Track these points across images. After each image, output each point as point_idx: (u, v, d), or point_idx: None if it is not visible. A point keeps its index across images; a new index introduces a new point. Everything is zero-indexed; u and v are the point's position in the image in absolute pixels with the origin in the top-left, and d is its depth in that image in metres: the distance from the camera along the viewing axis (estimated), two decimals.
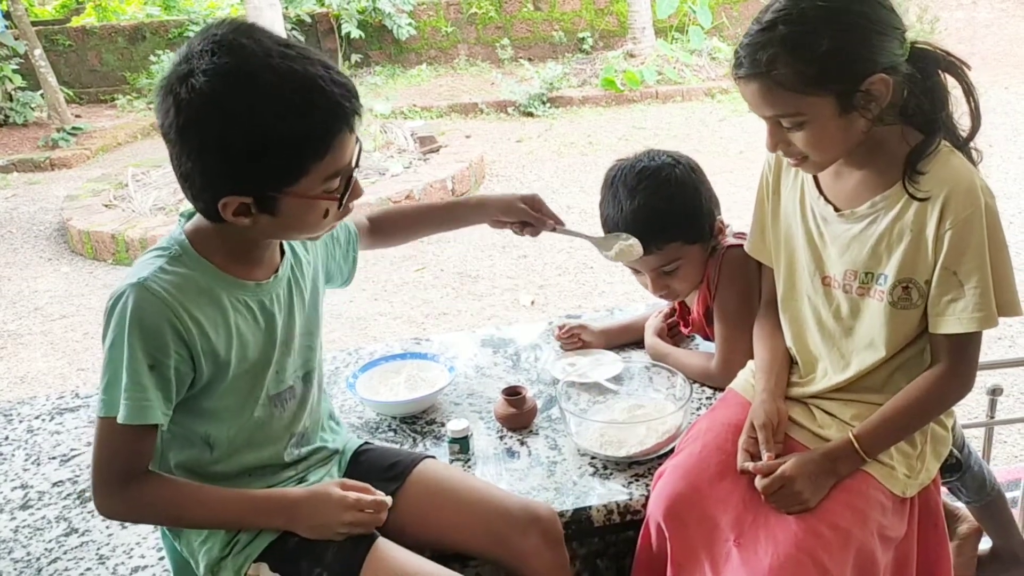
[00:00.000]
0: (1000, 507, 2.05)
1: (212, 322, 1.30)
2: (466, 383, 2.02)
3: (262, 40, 1.20)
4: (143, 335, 1.24)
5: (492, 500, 1.51)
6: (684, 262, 1.83)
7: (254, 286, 1.37)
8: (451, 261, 5.43)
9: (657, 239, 1.79)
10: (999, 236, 1.38)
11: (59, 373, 4.41)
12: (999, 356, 3.63)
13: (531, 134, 8.48)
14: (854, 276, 1.49)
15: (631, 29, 10.20)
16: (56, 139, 9.34)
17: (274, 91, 1.17)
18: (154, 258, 1.30)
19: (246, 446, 1.41)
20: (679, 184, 1.80)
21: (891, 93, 1.36)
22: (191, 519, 1.37)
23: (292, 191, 1.24)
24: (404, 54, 11.47)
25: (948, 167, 1.38)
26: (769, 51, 1.33)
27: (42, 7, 14.20)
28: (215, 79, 1.16)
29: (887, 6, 1.37)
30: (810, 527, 1.40)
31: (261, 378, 1.40)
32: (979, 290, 1.37)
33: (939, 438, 1.54)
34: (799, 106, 1.36)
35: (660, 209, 1.78)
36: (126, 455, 1.29)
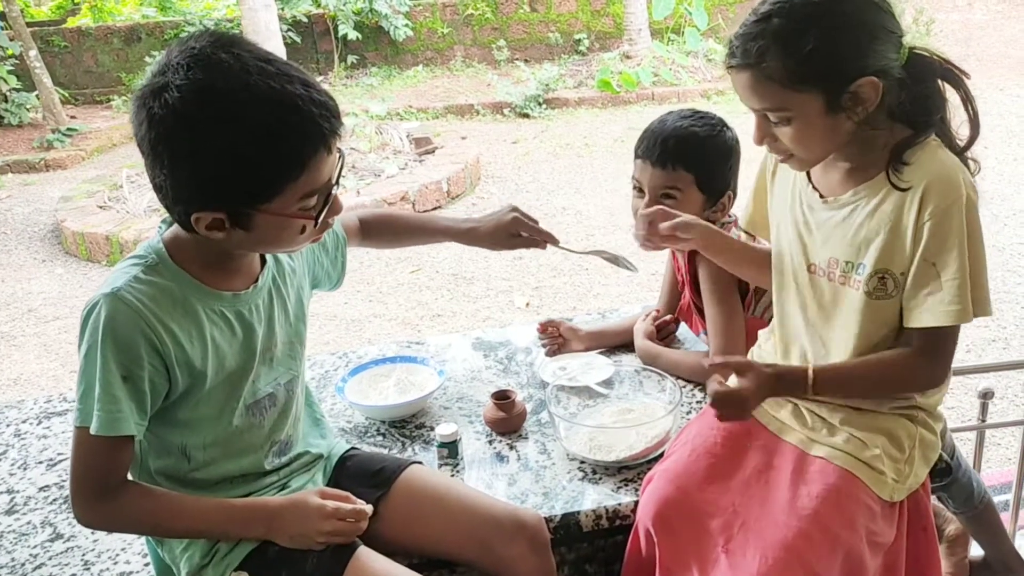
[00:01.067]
0: (990, 516, 2.05)
1: (187, 333, 1.29)
2: (456, 387, 2.01)
3: (241, 55, 1.17)
4: (116, 347, 1.22)
5: (478, 507, 1.50)
6: (682, 200, 1.86)
7: (231, 296, 1.36)
8: (446, 263, 5.42)
9: (678, 158, 1.84)
10: (977, 232, 1.37)
11: (52, 375, 4.40)
12: (992, 359, 3.64)
13: (527, 135, 8.48)
14: (836, 264, 1.49)
15: (627, 31, 10.20)
16: (51, 140, 9.32)
17: (248, 111, 1.15)
18: (130, 267, 1.28)
19: (224, 455, 1.40)
20: (723, 138, 1.89)
21: (880, 97, 1.35)
22: (169, 529, 1.36)
23: (266, 209, 1.22)
24: (400, 55, 11.47)
25: (933, 159, 1.38)
26: (760, 43, 1.34)
27: (38, 8, 14.18)
28: (188, 95, 1.14)
29: (885, 9, 1.37)
30: (799, 530, 1.39)
31: (239, 388, 1.39)
32: (957, 282, 1.35)
33: (928, 443, 1.53)
34: (786, 101, 1.36)
35: (699, 138, 1.85)
36: (101, 466, 1.28)
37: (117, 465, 1.29)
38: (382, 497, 1.49)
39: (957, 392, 3.33)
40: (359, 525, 1.38)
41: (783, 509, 1.43)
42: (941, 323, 1.38)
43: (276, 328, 1.44)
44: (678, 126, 1.87)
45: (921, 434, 1.52)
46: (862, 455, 1.47)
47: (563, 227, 5.86)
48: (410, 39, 11.33)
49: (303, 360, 1.53)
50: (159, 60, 1.20)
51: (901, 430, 1.50)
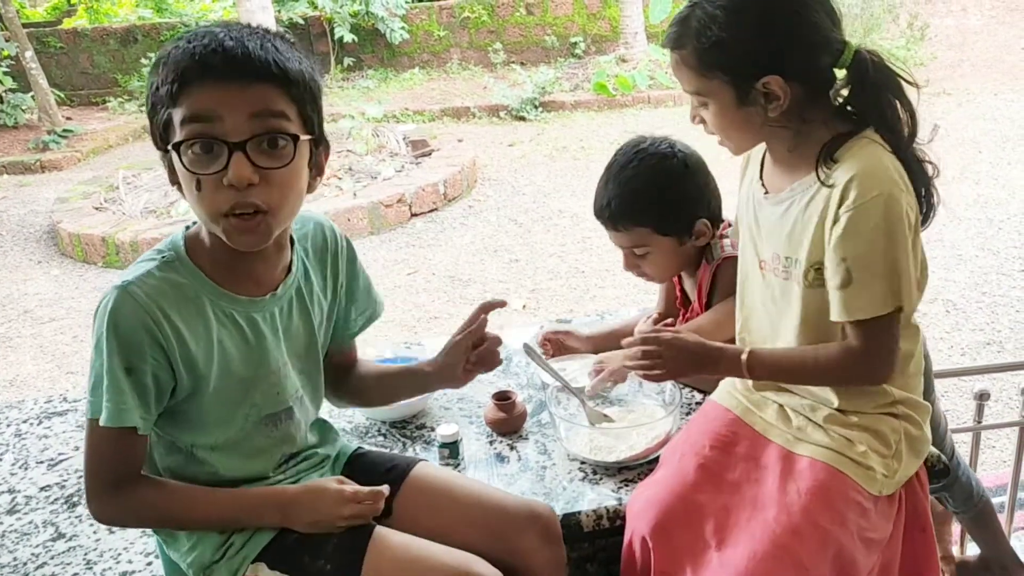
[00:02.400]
0: (988, 517, 2.06)
1: (193, 332, 1.28)
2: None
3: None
4: (119, 339, 1.23)
5: (490, 499, 1.51)
6: (654, 251, 1.85)
7: (246, 301, 1.35)
8: (443, 265, 5.43)
9: (624, 220, 1.83)
10: (896, 227, 1.36)
11: (48, 376, 4.40)
12: (987, 361, 3.66)
13: (523, 138, 8.49)
14: (779, 260, 1.52)
15: (623, 34, 10.23)
16: (47, 141, 9.31)
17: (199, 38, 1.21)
18: (147, 261, 1.30)
19: (232, 459, 1.39)
20: (664, 175, 1.81)
21: (787, 97, 1.39)
22: (184, 520, 1.36)
23: (174, 145, 1.21)
24: (397, 58, 11.48)
25: (859, 155, 1.39)
26: (681, 29, 1.44)
27: (33, 9, 14.16)
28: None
29: (816, 14, 1.39)
30: (788, 525, 1.40)
31: (250, 395, 1.37)
32: (864, 277, 1.36)
33: (914, 437, 1.53)
34: (700, 86, 1.45)
35: (636, 192, 1.81)
36: (113, 458, 1.29)
37: (127, 457, 1.30)
38: (395, 493, 1.49)
39: (952, 394, 3.35)
40: (377, 505, 1.40)
41: (773, 506, 1.44)
42: (850, 318, 1.39)
43: (295, 339, 1.42)
44: (617, 181, 1.82)
45: (906, 428, 1.52)
46: (848, 452, 1.48)
47: (559, 230, 5.88)
48: (406, 42, 11.34)
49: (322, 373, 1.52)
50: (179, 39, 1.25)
51: (885, 426, 1.50)
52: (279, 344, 1.40)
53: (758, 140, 1.52)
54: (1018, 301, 4.29)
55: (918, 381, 1.55)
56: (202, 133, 1.18)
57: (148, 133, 1.27)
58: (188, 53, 1.18)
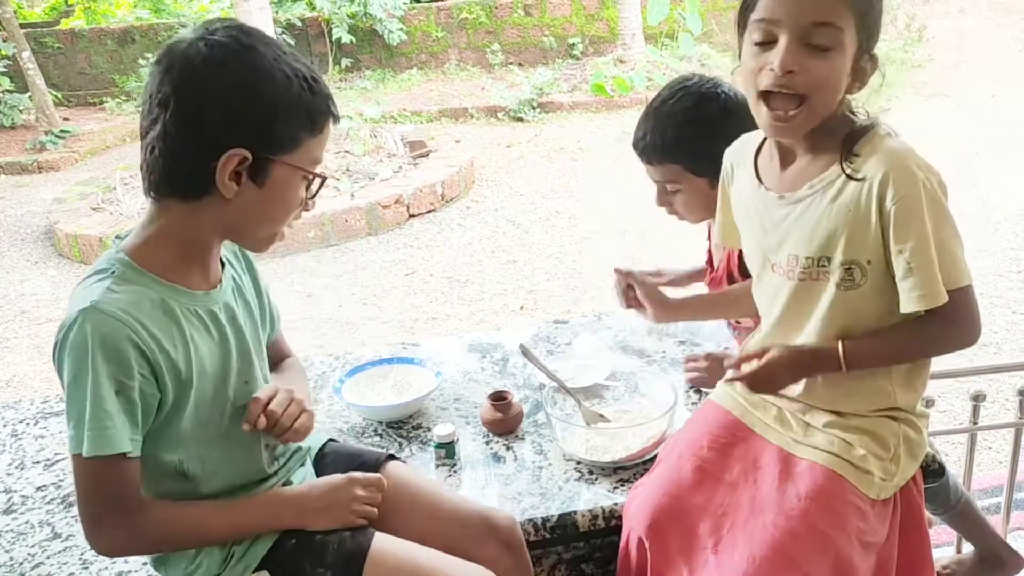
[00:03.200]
0: (971, 513, 2.07)
1: (169, 336, 1.26)
2: (453, 388, 2.02)
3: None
4: (106, 359, 1.19)
5: (449, 508, 1.51)
6: (685, 189, 1.83)
7: (203, 295, 1.33)
8: (440, 266, 5.43)
9: (657, 154, 1.82)
10: (940, 209, 1.37)
11: (45, 376, 4.39)
12: (983, 362, 3.66)
13: (521, 139, 8.50)
14: (796, 261, 1.49)
15: (621, 35, 10.23)
16: (44, 142, 9.31)
17: (288, 60, 1.25)
18: (97, 281, 1.24)
19: (223, 465, 1.38)
20: (704, 116, 1.79)
21: (873, 71, 1.40)
22: (199, 537, 1.33)
23: (285, 160, 1.26)
24: (394, 59, 11.48)
25: (882, 148, 1.39)
26: None
27: (31, 9, 14.15)
28: (237, 33, 1.23)
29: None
30: (787, 530, 1.40)
31: (223, 391, 1.36)
32: (924, 268, 1.36)
33: (913, 440, 1.53)
34: (841, 19, 1.35)
35: (670, 128, 1.80)
36: (109, 489, 1.23)
37: (125, 485, 1.24)
38: None
39: (948, 395, 3.35)
40: (378, 496, 1.44)
41: (771, 509, 1.44)
42: (916, 309, 1.39)
43: (245, 327, 1.42)
44: (656, 115, 1.82)
45: (905, 432, 1.52)
46: (847, 456, 1.48)
47: (557, 231, 5.89)
48: (404, 42, 11.35)
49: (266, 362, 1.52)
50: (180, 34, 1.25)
51: (884, 429, 1.50)
52: (237, 333, 1.39)
53: (835, 107, 1.41)
54: (1015, 303, 4.29)
55: (921, 385, 1.55)
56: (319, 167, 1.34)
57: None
58: (327, 89, 1.32)
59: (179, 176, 1.26)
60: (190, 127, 1.22)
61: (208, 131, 1.22)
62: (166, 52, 1.23)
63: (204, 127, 1.21)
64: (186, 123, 1.21)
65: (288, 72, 1.24)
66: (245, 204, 1.27)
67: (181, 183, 1.26)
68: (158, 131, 1.23)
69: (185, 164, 1.24)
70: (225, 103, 1.21)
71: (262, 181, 1.26)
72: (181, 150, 1.23)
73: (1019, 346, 3.88)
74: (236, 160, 1.22)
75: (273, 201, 1.30)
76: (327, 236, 5.92)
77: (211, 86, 1.20)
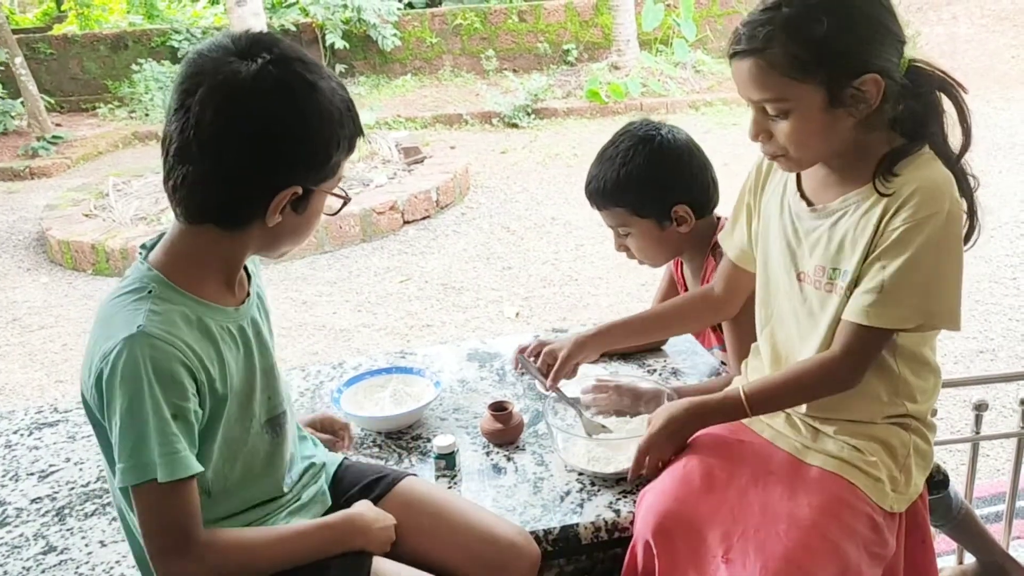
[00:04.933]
0: (972, 524, 2.06)
1: (208, 355, 1.25)
2: (452, 398, 2.00)
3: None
4: (162, 385, 1.17)
5: (478, 525, 1.50)
6: (634, 232, 1.92)
7: (233, 311, 1.33)
8: (435, 273, 5.41)
9: (602, 199, 1.92)
10: (952, 246, 1.37)
11: (37, 385, 4.36)
12: (980, 370, 3.66)
13: (516, 145, 8.49)
14: (822, 272, 1.49)
15: (616, 41, 10.24)
16: (36, 148, 9.26)
17: (332, 82, 1.25)
18: (135, 302, 1.22)
19: (245, 481, 1.36)
20: (644, 157, 1.87)
21: (880, 97, 1.35)
22: (267, 563, 1.31)
23: (324, 187, 1.29)
24: (389, 64, 11.47)
25: (923, 170, 1.38)
26: (768, 29, 1.34)
27: (23, 15, 14.11)
28: (283, 67, 1.20)
29: (891, 11, 1.37)
30: (799, 539, 1.39)
31: (250, 407, 1.35)
32: (897, 289, 1.36)
33: (922, 451, 1.53)
34: (787, 92, 1.36)
35: (612, 172, 1.88)
36: (179, 515, 1.21)
37: (191, 509, 1.22)
38: (376, 504, 1.49)
39: (947, 404, 3.34)
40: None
41: (783, 518, 1.43)
42: (866, 322, 1.39)
43: (268, 341, 1.42)
44: (600, 161, 1.92)
45: (915, 442, 1.52)
46: (858, 463, 1.47)
47: (552, 238, 5.88)
48: (398, 48, 11.33)
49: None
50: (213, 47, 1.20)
51: (895, 439, 1.50)
52: (262, 348, 1.39)
53: (831, 150, 1.44)
54: (1011, 309, 4.29)
55: (934, 393, 1.55)
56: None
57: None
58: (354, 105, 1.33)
59: (224, 208, 1.24)
60: (239, 166, 1.19)
61: (260, 171, 1.21)
62: (210, 73, 1.17)
63: (255, 167, 1.20)
64: (233, 162, 1.19)
65: (338, 105, 1.24)
66: (283, 229, 1.29)
67: (225, 214, 1.25)
68: (202, 166, 1.19)
69: (233, 198, 1.23)
70: (282, 140, 1.20)
71: (303, 209, 1.29)
72: (228, 188, 1.21)
73: (1015, 353, 3.88)
74: (288, 196, 1.24)
75: (309, 224, 1.33)
76: (321, 243, 5.90)
77: (270, 122, 1.19)
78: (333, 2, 10.82)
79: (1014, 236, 5.24)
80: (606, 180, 1.88)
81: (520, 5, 11.34)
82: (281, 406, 1.42)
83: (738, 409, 1.52)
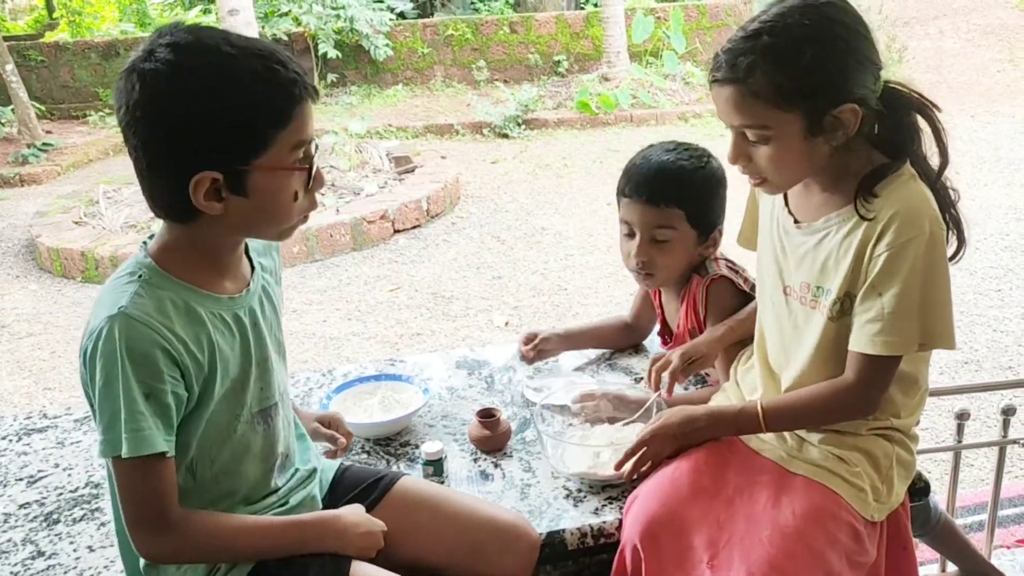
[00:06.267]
0: (951, 534, 2.08)
1: (196, 340, 1.28)
2: (440, 405, 2.02)
3: (212, 29, 1.26)
4: (135, 365, 1.20)
5: (477, 513, 1.53)
6: (676, 238, 1.84)
7: (228, 300, 1.35)
8: (425, 281, 5.42)
9: (669, 196, 1.82)
10: (938, 267, 1.39)
11: (26, 392, 4.34)
12: (965, 380, 3.70)
13: (506, 155, 8.52)
14: (807, 288, 1.53)
15: (606, 53, 10.30)
16: (26, 155, 9.23)
17: (237, 60, 1.20)
18: (125, 284, 1.26)
19: (232, 471, 1.38)
20: (710, 171, 1.86)
21: (859, 124, 1.38)
22: (243, 550, 1.34)
23: (261, 164, 1.23)
24: (380, 74, 11.49)
25: (902, 191, 1.40)
26: (749, 58, 1.36)
27: (14, 22, 14.09)
28: (178, 51, 1.18)
29: (869, 39, 1.40)
30: (783, 547, 1.41)
31: (242, 396, 1.37)
32: (897, 316, 1.39)
33: (904, 462, 1.56)
34: (767, 119, 1.38)
35: (688, 172, 1.83)
36: (149, 492, 1.25)
37: (162, 488, 1.25)
38: (375, 505, 1.51)
39: (931, 413, 3.37)
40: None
41: (767, 526, 1.45)
42: (877, 352, 1.41)
43: (268, 333, 1.43)
44: (665, 160, 1.84)
45: (898, 453, 1.54)
46: (842, 472, 1.49)
47: (542, 247, 5.89)
48: (390, 58, 11.36)
49: (287, 370, 1.53)
50: (140, 47, 1.23)
51: (878, 449, 1.52)
52: (260, 339, 1.40)
53: (809, 174, 1.48)
54: (995, 320, 4.33)
55: (920, 407, 1.58)
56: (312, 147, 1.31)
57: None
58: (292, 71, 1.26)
59: (163, 204, 1.27)
60: (152, 158, 1.22)
61: (168, 161, 1.22)
62: (128, 67, 1.21)
63: (164, 157, 1.22)
64: (147, 155, 1.22)
65: (233, 74, 1.19)
66: (239, 214, 1.26)
67: (168, 210, 1.28)
68: (133, 163, 1.24)
69: (162, 194, 1.26)
70: (172, 128, 1.19)
71: (244, 191, 1.24)
72: (153, 181, 1.25)
73: (999, 363, 3.91)
74: (207, 183, 1.21)
75: (266, 204, 1.28)
76: (312, 251, 5.90)
77: (161, 116, 1.19)
78: (326, 12, 10.85)
79: (998, 248, 5.29)
80: (671, 177, 1.82)
81: (511, 16, 11.39)
82: (273, 398, 1.43)
83: (753, 424, 1.54)
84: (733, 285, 1.86)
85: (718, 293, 1.86)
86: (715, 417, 1.59)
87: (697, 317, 1.90)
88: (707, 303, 1.87)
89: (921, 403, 1.59)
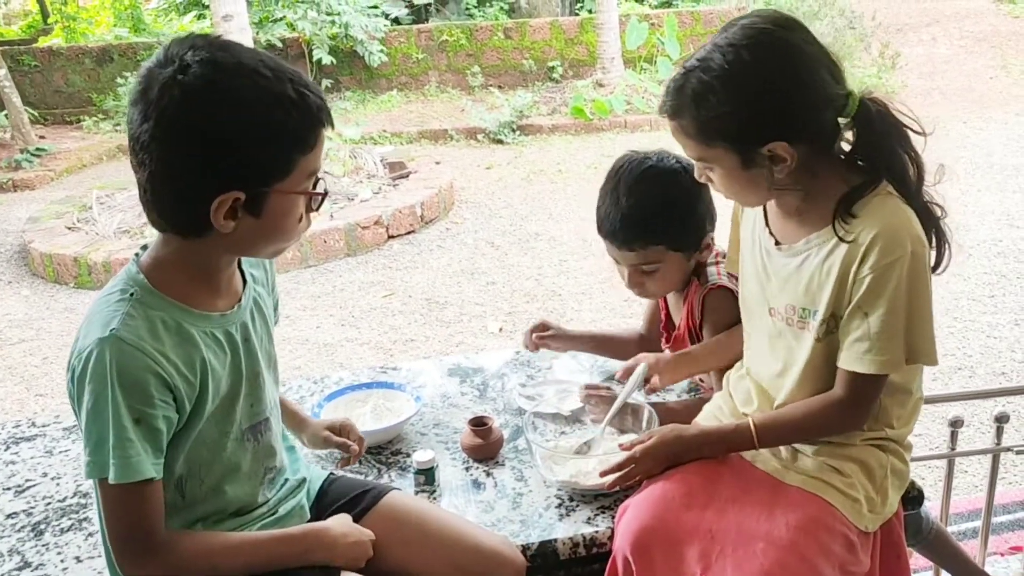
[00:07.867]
0: (944, 543, 2.08)
1: (187, 361, 1.26)
2: (432, 413, 2.01)
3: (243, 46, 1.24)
4: (125, 391, 1.19)
5: (463, 535, 1.51)
6: (664, 266, 1.81)
7: (219, 317, 1.34)
8: (419, 287, 5.42)
9: (642, 239, 1.77)
10: (920, 285, 1.40)
11: (17, 399, 4.32)
12: (958, 387, 3.70)
13: (500, 161, 8.51)
14: (793, 311, 1.53)
15: (600, 59, 10.31)
16: (19, 160, 9.20)
17: (273, 82, 1.19)
18: (116, 303, 1.24)
19: (220, 487, 1.37)
20: (681, 190, 1.76)
21: (793, 160, 1.39)
22: (227, 570, 1.33)
23: (280, 187, 1.24)
24: (375, 80, 11.49)
25: (881, 211, 1.40)
26: (678, 99, 1.42)
27: (8, 27, 14.06)
28: (218, 69, 1.17)
29: (817, 65, 1.39)
30: (776, 558, 1.40)
31: (232, 412, 1.36)
32: (885, 335, 1.40)
33: (899, 472, 1.56)
34: (703, 153, 1.45)
35: (654, 212, 1.76)
36: (138, 515, 1.24)
37: (150, 511, 1.25)
38: (362, 517, 1.50)
39: (925, 420, 3.37)
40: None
41: (760, 537, 1.44)
42: (866, 371, 1.43)
43: (260, 348, 1.42)
44: (630, 204, 1.76)
45: (892, 463, 1.54)
46: (836, 483, 1.49)
47: (536, 253, 5.89)
48: (385, 64, 11.36)
49: (278, 384, 1.52)
50: (156, 57, 1.20)
51: (873, 459, 1.52)
52: (251, 354, 1.39)
53: (769, 197, 1.52)
54: (988, 327, 4.34)
55: (916, 418, 1.58)
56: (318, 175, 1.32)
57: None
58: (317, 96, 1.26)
59: (174, 218, 1.25)
60: (176, 172, 1.20)
61: (195, 177, 1.20)
62: (142, 91, 1.19)
63: (190, 173, 1.20)
64: (169, 169, 1.20)
65: (272, 97, 1.19)
66: (246, 233, 1.26)
67: (177, 223, 1.26)
68: (147, 174, 1.21)
69: (178, 208, 1.24)
70: (207, 145, 1.18)
71: (259, 212, 1.24)
72: (171, 195, 1.22)
73: (993, 369, 3.92)
74: (230, 201, 1.21)
75: (274, 227, 1.28)
76: (306, 257, 5.89)
77: (191, 130, 1.17)
78: (320, 18, 10.84)
79: (992, 254, 5.30)
80: (639, 219, 1.75)
81: (506, 22, 11.40)
82: (263, 413, 1.42)
83: (747, 442, 1.54)
84: (731, 294, 1.82)
85: (715, 304, 1.83)
86: (707, 437, 1.59)
87: (695, 322, 1.89)
88: (703, 313, 1.85)
89: (915, 412, 1.59)
